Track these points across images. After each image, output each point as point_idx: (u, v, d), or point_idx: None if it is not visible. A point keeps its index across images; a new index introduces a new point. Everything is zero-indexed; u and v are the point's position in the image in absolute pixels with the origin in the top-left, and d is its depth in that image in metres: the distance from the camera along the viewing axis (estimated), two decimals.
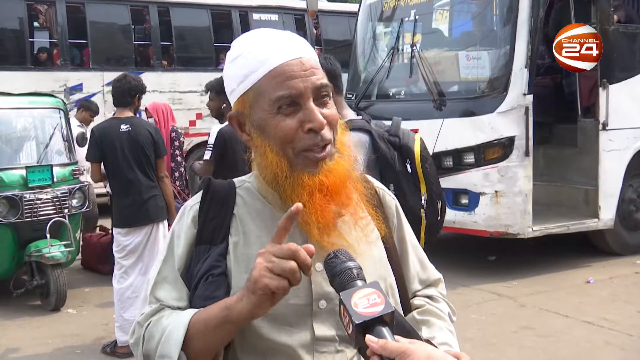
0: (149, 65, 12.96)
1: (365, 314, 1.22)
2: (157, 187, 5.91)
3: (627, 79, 8.03)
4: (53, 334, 6.36)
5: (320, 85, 1.53)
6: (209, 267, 1.55)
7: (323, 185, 1.52)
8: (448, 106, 7.71)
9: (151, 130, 5.96)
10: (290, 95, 1.50)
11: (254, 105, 1.56)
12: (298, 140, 1.52)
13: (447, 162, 7.68)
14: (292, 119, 1.51)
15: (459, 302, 6.72)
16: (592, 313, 6.33)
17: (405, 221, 1.84)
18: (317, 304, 1.55)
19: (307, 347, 1.53)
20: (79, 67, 12.49)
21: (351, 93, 9.26)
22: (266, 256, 1.35)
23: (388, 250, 1.72)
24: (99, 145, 5.76)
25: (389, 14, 9.10)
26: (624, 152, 8.03)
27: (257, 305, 1.36)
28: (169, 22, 13.05)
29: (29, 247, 6.93)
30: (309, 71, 1.52)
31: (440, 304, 1.81)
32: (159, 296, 1.60)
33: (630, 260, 8.13)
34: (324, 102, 1.55)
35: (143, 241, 5.82)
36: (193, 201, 1.67)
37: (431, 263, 1.90)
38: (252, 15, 13.91)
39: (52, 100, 8.06)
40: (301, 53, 1.54)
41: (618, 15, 8.20)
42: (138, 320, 1.58)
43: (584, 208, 8.06)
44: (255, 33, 1.62)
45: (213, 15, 13.47)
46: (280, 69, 1.51)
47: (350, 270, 1.31)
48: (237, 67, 1.57)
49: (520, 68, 7.29)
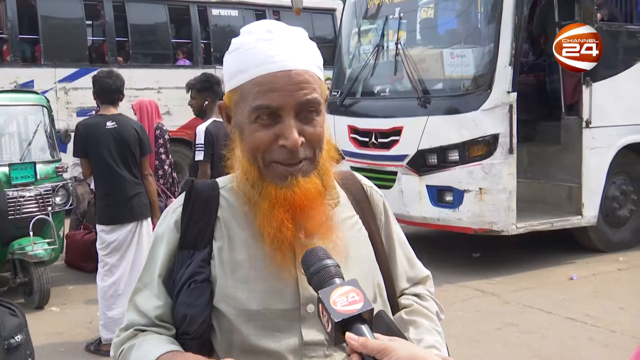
0: (104, 62, 12.31)
1: (344, 311, 1.21)
2: (142, 185, 5.88)
3: (611, 77, 8.06)
4: (36, 332, 6.29)
5: (306, 101, 1.47)
6: (192, 273, 1.52)
7: (287, 200, 1.47)
8: (432, 104, 7.72)
9: (137, 127, 5.94)
10: (269, 106, 1.46)
11: (237, 106, 1.54)
12: (269, 152, 1.48)
13: (431, 159, 7.70)
14: (268, 130, 1.47)
15: (444, 299, 6.70)
16: (576, 309, 6.37)
17: (393, 218, 1.82)
18: (305, 308, 1.52)
19: (296, 352, 1.51)
20: (30, 64, 12.03)
21: (336, 91, 9.26)
22: None
23: (376, 248, 1.70)
24: (83, 141, 5.73)
25: (373, 12, 9.09)
26: (607, 150, 8.07)
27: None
28: (125, 18, 12.56)
29: (12, 244, 6.87)
30: (296, 86, 1.46)
31: (428, 302, 1.78)
32: (139, 304, 1.58)
33: (613, 257, 8.18)
34: (310, 118, 1.49)
35: (127, 238, 5.79)
36: (176, 204, 1.64)
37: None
38: (212, 10, 13.53)
39: (35, 97, 8.01)
40: (293, 65, 1.48)
41: (601, 13, 8.24)
42: (114, 342, 1.58)
43: (568, 205, 8.10)
44: (263, 26, 1.55)
45: (171, 11, 13.03)
46: (265, 79, 1.46)
47: (328, 268, 1.30)
48: (233, 60, 1.54)
49: (505, 66, 7.31)
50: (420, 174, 7.75)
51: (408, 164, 7.84)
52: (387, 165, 8.10)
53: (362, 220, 1.70)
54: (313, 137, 1.49)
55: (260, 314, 1.49)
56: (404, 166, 7.88)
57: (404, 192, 7.93)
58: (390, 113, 8.16)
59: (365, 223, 1.70)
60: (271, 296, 1.50)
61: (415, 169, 7.78)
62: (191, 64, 13.17)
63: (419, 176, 7.76)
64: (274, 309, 1.49)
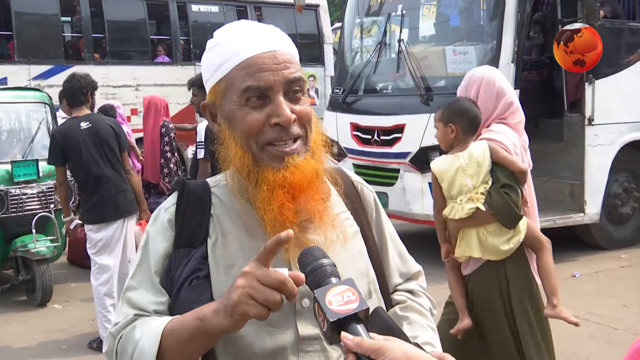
0: (80, 59, 12.15)
1: (340, 311, 1.21)
2: (126, 181, 5.90)
3: (613, 74, 8.06)
4: (39, 329, 6.33)
5: (293, 79, 1.51)
6: (192, 270, 1.51)
7: (286, 181, 1.49)
8: (435, 101, 7.71)
9: (112, 124, 6.01)
10: (258, 86, 1.48)
11: (224, 96, 1.54)
12: (263, 133, 1.49)
13: (434, 156, 7.67)
14: (259, 112, 1.49)
15: (446, 296, 6.73)
16: (578, 307, 6.36)
17: (384, 214, 1.83)
18: (300, 302, 1.52)
19: (292, 347, 1.51)
20: (4, 61, 11.74)
21: (338, 88, 9.26)
22: (249, 279, 1.27)
23: (368, 244, 1.70)
24: (61, 148, 5.72)
25: (376, 9, 9.09)
26: (610, 147, 8.07)
27: (234, 325, 1.32)
28: (102, 13, 12.29)
29: (15, 242, 6.89)
30: (281, 65, 1.50)
31: (421, 298, 1.79)
32: (134, 300, 1.53)
33: (615, 255, 8.17)
34: (296, 97, 1.52)
35: (115, 236, 5.78)
36: (168, 203, 1.63)
37: (413, 256, 1.89)
38: (191, 6, 13.28)
39: (37, 95, 8.01)
40: (276, 46, 1.52)
41: (604, 10, 8.24)
42: (111, 331, 1.52)
43: (570, 202, 8.10)
44: (237, 24, 1.60)
45: (149, 7, 12.71)
46: (251, 61, 1.49)
47: (324, 268, 1.30)
48: (213, 56, 1.56)
49: (507, 63, 7.31)
50: (422, 171, 7.73)
51: (410, 161, 7.84)
52: (390, 163, 8.10)
53: (354, 216, 1.70)
54: (302, 114, 1.53)
55: None
56: (407, 164, 7.88)
57: (406, 190, 7.92)
58: (392, 110, 8.15)
59: (357, 219, 1.71)
60: None
61: (418, 166, 7.77)
62: (170, 61, 12.96)
63: (422, 174, 7.75)
64: None
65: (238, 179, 1.59)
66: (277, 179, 1.49)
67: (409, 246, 1.90)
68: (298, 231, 1.49)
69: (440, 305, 2.26)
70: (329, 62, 14.19)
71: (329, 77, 14.20)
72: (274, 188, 1.49)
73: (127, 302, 1.55)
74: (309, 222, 1.55)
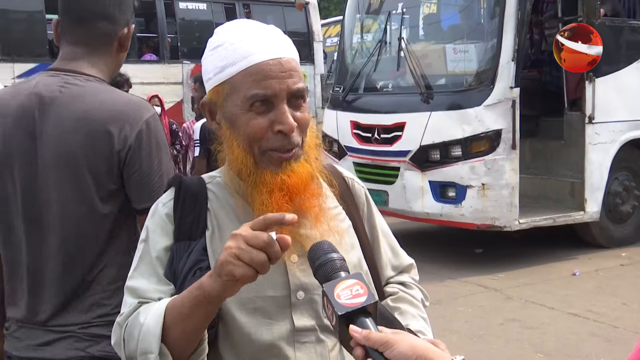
0: None
1: (348, 305, 1.22)
2: None
3: (613, 73, 8.06)
4: None
5: (297, 89, 1.53)
6: (195, 261, 1.54)
7: (284, 183, 1.53)
8: (435, 99, 7.72)
9: None
10: (265, 95, 1.50)
11: (227, 98, 1.56)
12: (266, 139, 1.53)
13: (434, 155, 7.69)
14: (263, 118, 1.52)
15: (446, 294, 6.76)
16: (578, 305, 6.37)
17: (375, 208, 1.86)
18: (295, 295, 1.56)
19: (288, 338, 1.54)
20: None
21: (338, 86, 9.26)
22: (237, 240, 1.31)
23: (360, 238, 1.73)
24: None
25: (376, 7, 9.09)
26: (610, 145, 8.07)
27: (224, 287, 1.34)
28: None
29: None
30: (287, 73, 1.52)
31: (413, 290, 1.83)
32: (138, 288, 1.55)
33: (615, 253, 8.17)
34: (298, 104, 1.55)
35: None
36: (165, 198, 1.65)
37: (413, 255, 1.92)
38: (179, 4, 13.08)
39: None
40: (282, 53, 1.54)
41: (604, 9, 8.24)
42: (118, 321, 1.54)
43: (570, 201, 8.10)
44: (240, 24, 1.61)
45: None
46: (258, 67, 1.51)
47: (333, 262, 1.31)
48: (216, 57, 1.56)
49: (507, 61, 7.31)
50: (422, 169, 7.74)
51: (411, 159, 7.84)
52: (390, 161, 8.10)
53: (346, 211, 1.74)
54: (302, 121, 1.56)
55: (251, 301, 1.52)
56: (407, 162, 7.88)
57: (406, 188, 7.93)
58: (392, 109, 8.15)
59: (349, 214, 1.74)
60: (261, 284, 1.49)
61: (418, 164, 7.78)
62: (157, 59, 12.84)
63: (422, 172, 7.76)
64: (264, 296, 1.53)
65: (234, 177, 1.62)
66: (275, 181, 1.53)
67: (408, 244, 1.91)
68: (294, 228, 1.52)
69: (434, 299, 2.24)
70: (319, 60, 14.14)
71: (319, 76, 14.19)
72: (272, 190, 1.53)
73: (131, 292, 1.57)
74: (304, 220, 1.58)
